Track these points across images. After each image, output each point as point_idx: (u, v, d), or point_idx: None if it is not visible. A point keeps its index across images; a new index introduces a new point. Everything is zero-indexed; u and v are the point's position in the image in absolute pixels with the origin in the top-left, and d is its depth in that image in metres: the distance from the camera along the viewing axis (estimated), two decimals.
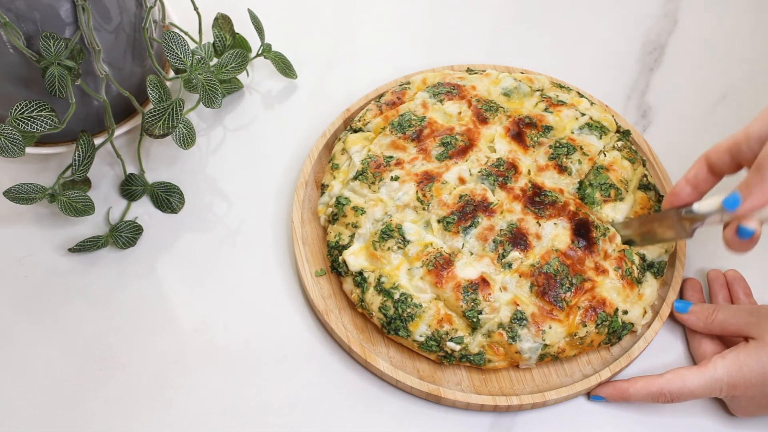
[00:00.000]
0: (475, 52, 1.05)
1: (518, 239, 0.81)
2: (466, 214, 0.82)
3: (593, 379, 0.79)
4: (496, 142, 0.87)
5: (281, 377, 0.81)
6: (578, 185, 0.85)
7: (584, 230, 0.81)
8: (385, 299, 0.79)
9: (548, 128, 0.88)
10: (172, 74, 0.94)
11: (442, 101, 0.91)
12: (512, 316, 0.78)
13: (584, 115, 0.90)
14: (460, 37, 1.07)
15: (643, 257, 0.82)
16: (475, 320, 0.77)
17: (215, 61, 0.95)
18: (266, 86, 1.01)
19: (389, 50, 1.05)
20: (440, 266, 0.79)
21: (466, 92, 0.92)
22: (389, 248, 0.81)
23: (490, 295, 0.78)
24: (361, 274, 0.81)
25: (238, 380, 0.80)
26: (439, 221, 0.82)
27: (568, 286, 0.79)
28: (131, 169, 0.92)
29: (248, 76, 1.01)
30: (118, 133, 0.90)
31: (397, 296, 0.79)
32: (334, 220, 0.85)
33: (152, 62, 0.87)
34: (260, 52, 0.99)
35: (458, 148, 0.87)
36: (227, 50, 0.96)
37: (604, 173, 0.85)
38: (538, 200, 0.83)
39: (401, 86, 0.94)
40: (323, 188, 0.89)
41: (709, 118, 1.00)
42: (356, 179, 0.86)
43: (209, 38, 0.99)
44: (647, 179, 0.88)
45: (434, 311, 0.78)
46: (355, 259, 0.82)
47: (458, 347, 0.77)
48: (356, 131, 0.91)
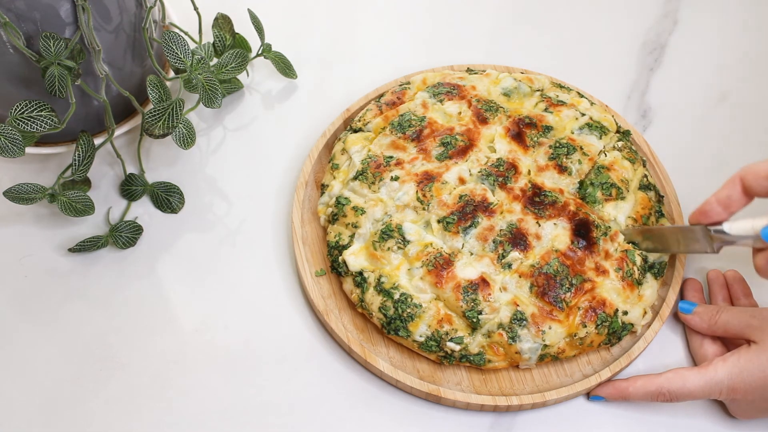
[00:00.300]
0: (475, 52, 1.05)
1: (518, 239, 0.81)
2: (466, 214, 0.82)
3: (593, 379, 0.79)
4: (496, 142, 0.87)
5: (281, 377, 0.81)
6: (578, 185, 0.85)
7: (584, 230, 0.81)
8: (385, 299, 0.79)
9: (548, 128, 0.88)
10: (172, 74, 0.94)
11: (442, 101, 0.91)
12: (512, 316, 0.78)
13: (584, 115, 0.90)
14: (460, 37, 1.07)
15: (645, 258, 0.82)
16: (475, 320, 0.77)
17: (215, 61, 0.95)
18: (266, 86, 1.01)
19: (389, 50, 1.05)
20: (440, 266, 0.79)
21: (466, 92, 0.92)
22: (389, 248, 0.81)
23: (490, 295, 0.78)
24: (361, 274, 0.81)
25: (238, 380, 0.80)
26: (439, 221, 0.82)
27: (568, 286, 0.79)
28: (131, 169, 0.92)
29: (248, 76, 1.01)
30: (118, 133, 0.90)
31: (397, 296, 0.79)
32: (334, 220, 0.85)
33: (152, 62, 0.87)
34: (260, 52, 0.99)
35: (458, 148, 0.86)
36: (227, 50, 0.95)
37: (604, 173, 0.85)
38: (538, 200, 0.83)
39: (401, 86, 0.94)
40: (323, 188, 0.89)
41: (709, 118, 1.00)
42: (356, 179, 0.86)
43: (209, 38, 0.99)
44: (647, 179, 0.87)
45: (434, 311, 0.78)
46: (355, 259, 0.82)
47: (458, 347, 0.77)
48: (356, 131, 0.91)
